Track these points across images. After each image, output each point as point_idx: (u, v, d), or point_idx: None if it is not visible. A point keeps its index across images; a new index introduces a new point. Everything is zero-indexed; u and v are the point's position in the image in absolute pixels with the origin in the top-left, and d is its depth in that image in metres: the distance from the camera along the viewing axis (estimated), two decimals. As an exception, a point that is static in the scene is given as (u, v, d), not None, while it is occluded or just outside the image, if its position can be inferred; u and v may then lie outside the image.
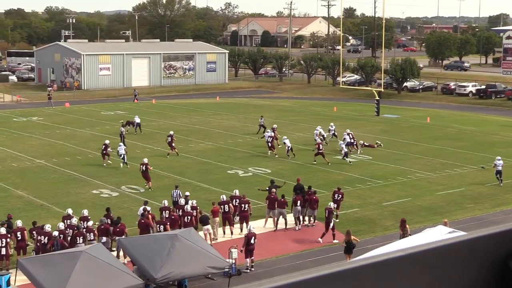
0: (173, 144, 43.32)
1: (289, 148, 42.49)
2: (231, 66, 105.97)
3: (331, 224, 26.71)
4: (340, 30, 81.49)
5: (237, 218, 27.62)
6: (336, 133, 48.68)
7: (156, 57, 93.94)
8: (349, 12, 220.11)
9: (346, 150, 41.85)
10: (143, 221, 25.29)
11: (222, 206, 27.02)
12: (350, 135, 44.85)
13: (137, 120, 51.93)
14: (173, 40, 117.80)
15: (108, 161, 40.42)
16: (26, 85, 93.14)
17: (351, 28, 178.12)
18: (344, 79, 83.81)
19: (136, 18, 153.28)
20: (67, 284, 18.19)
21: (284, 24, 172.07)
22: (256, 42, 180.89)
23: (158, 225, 25.03)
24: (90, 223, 24.30)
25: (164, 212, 26.01)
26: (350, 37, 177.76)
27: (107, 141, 41.25)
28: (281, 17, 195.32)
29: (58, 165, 40.48)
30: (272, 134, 44.90)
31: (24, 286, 19.75)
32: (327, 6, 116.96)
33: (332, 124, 50.47)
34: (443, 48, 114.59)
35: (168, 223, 24.99)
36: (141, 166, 35.28)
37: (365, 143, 45.07)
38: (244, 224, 26.96)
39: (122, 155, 39.58)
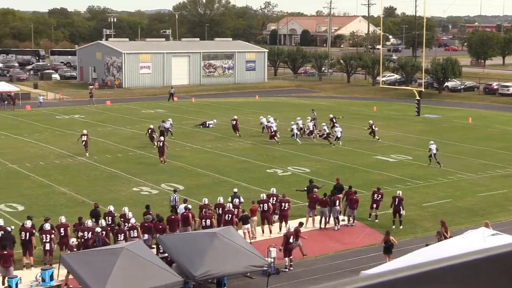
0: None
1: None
2: (270, 65, 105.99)
3: (403, 212, 28.30)
4: (380, 29, 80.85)
5: (276, 217, 27.62)
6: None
7: (196, 56, 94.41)
8: (389, 11, 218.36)
9: (296, 132, 47.48)
10: (185, 213, 25.46)
11: (261, 205, 27.06)
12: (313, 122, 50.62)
13: (167, 125, 48.79)
14: (213, 39, 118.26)
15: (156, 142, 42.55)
16: (68, 83, 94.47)
17: (391, 27, 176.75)
18: (384, 79, 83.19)
19: (176, 17, 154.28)
20: (108, 280, 18.42)
21: (323, 23, 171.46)
22: (296, 41, 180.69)
23: (202, 220, 25.16)
24: (133, 220, 24.53)
25: (204, 210, 26.15)
26: (390, 36, 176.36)
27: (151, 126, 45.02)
28: (321, 16, 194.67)
29: (99, 162, 40.99)
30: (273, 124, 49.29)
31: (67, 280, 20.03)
32: (367, 5, 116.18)
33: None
34: (486, 48, 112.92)
35: (213, 217, 25.18)
36: (159, 142, 40.19)
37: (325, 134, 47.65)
38: (283, 223, 26.96)
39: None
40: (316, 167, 39.90)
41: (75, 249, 22.18)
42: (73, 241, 22.59)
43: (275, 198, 28.15)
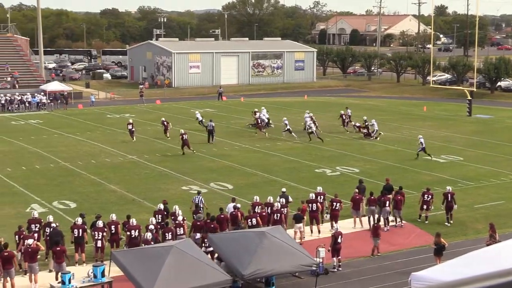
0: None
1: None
2: (319, 64, 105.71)
3: (455, 207, 28.72)
4: (431, 28, 79.78)
5: (327, 216, 27.49)
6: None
7: (245, 56, 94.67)
8: (440, 10, 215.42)
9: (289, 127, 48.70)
10: (234, 212, 25.58)
11: (310, 205, 27.01)
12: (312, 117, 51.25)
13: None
14: (262, 38, 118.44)
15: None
16: (119, 82, 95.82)
17: (442, 26, 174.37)
18: (434, 78, 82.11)
19: (226, 16, 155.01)
20: (158, 277, 18.61)
21: (373, 23, 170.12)
22: (345, 40, 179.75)
23: (248, 219, 25.25)
24: (180, 218, 24.76)
25: (256, 208, 26.23)
26: (441, 36, 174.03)
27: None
28: (370, 15, 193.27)
29: (149, 161, 41.45)
30: (264, 115, 52.40)
31: (117, 277, 20.31)
32: (417, 4, 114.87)
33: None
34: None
35: (258, 217, 25.26)
36: (181, 136, 43.23)
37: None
38: (333, 223, 26.86)
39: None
40: (365, 167, 39.63)
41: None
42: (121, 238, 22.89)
43: (322, 196, 28.09)
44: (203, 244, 22.90)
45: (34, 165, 40.22)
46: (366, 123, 50.47)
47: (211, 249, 22.42)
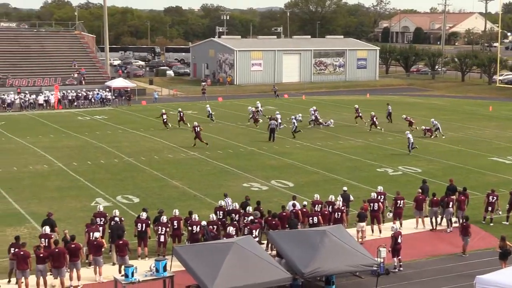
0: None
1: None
2: (382, 63, 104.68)
3: None
4: (498, 26, 78.03)
5: (390, 215, 27.21)
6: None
7: (307, 54, 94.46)
8: (508, 7, 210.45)
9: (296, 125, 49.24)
10: (294, 211, 25.59)
11: (371, 204, 26.80)
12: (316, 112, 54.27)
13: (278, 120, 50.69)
14: (324, 36, 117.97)
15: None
16: (182, 79, 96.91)
17: (510, 24, 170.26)
18: (501, 78, 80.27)
19: (288, 14, 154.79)
20: (219, 273, 18.77)
21: (437, 21, 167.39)
22: (408, 38, 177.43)
23: (309, 218, 25.22)
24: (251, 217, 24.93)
25: (316, 206, 26.19)
26: (508, 34, 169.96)
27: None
28: (435, 13, 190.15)
29: (210, 157, 41.80)
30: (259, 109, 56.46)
31: (178, 272, 20.57)
32: (484, 1, 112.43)
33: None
34: None
35: (319, 215, 25.22)
36: (194, 128, 45.01)
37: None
38: (395, 221, 26.59)
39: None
40: (427, 167, 39.06)
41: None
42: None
43: (382, 196, 27.83)
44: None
45: (99, 160, 41.05)
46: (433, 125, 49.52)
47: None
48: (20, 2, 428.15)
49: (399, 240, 23.08)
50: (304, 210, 25.97)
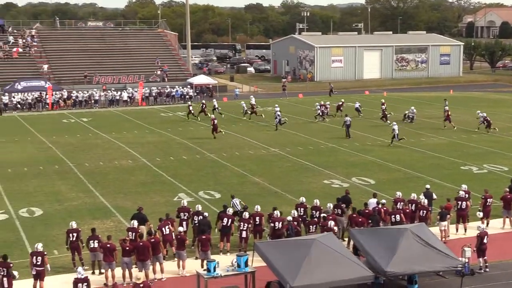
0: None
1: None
2: (466, 58, 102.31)
3: None
4: None
5: (480, 214, 26.55)
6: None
7: (388, 50, 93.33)
8: None
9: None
10: (376, 208, 25.33)
11: (459, 202, 26.19)
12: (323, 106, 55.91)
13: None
14: (406, 32, 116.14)
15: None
16: (262, 76, 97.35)
17: None
18: None
19: (369, 10, 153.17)
20: (300, 270, 18.77)
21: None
22: (494, 33, 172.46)
23: (391, 215, 24.93)
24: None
25: (398, 204, 25.86)
26: None
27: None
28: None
29: (291, 154, 41.84)
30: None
31: (259, 268, 20.69)
32: None
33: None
34: None
35: (401, 213, 24.89)
36: (212, 120, 47.55)
37: None
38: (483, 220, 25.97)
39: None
40: (515, 166, 37.94)
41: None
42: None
43: (467, 195, 27.19)
44: None
45: (181, 155, 41.74)
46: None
47: None
48: (106, 2, 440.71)
49: (485, 240, 22.51)
50: (384, 208, 25.69)
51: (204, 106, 56.53)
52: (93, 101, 66.34)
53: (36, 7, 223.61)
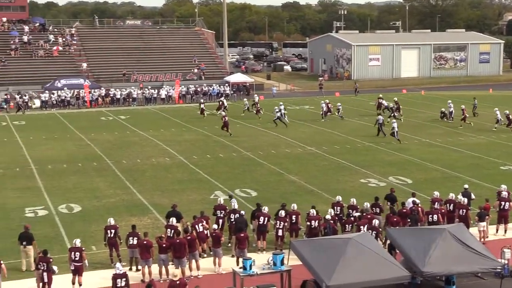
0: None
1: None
2: (506, 57, 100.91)
3: None
4: None
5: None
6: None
7: (426, 48, 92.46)
8: None
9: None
10: (414, 207, 25.12)
11: (502, 203, 25.83)
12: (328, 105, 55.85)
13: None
14: (444, 30, 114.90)
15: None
16: (299, 74, 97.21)
17: None
18: None
19: (407, 8, 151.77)
20: (336, 269, 18.69)
21: None
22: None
23: (429, 215, 24.72)
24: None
25: (436, 203, 25.62)
26: None
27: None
28: None
29: (327, 152, 41.71)
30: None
31: (295, 266, 20.67)
32: None
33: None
34: None
35: (439, 213, 24.66)
36: (224, 118, 48.49)
37: None
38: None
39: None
40: (556, 166, 37.29)
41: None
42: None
43: (507, 194, 26.82)
44: None
45: (218, 153, 41.90)
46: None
47: None
48: (145, 1, 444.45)
49: (525, 242, 22.18)
50: (420, 207, 25.47)
51: (221, 102, 57.29)
52: (131, 99, 66.98)
53: (76, 6, 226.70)
